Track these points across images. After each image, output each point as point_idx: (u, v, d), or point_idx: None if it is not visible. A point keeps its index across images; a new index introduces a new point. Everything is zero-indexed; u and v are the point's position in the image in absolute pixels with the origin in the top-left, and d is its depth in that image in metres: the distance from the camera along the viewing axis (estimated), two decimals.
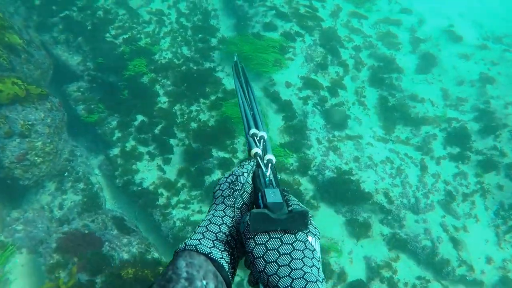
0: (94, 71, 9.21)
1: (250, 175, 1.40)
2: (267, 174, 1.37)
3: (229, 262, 1.15)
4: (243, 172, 1.40)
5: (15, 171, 6.75)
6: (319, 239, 1.23)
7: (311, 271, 1.05)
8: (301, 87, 8.72)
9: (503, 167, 7.67)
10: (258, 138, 1.63)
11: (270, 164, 1.44)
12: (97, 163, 8.30)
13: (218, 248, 1.14)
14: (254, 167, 1.43)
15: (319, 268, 1.09)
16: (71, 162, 7.88)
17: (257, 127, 1.71)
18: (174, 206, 7.55)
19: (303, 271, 1.03)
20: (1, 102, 6.51)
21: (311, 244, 1.13)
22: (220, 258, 1.11)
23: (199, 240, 1.15)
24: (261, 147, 1.57)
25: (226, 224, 1.24)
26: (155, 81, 8.87)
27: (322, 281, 1.04)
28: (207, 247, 1.12)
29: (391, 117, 8.52)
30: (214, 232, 1.19)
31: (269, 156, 1.49)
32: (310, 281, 1.00)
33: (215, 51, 9.49)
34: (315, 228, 1.24)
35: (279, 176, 7.81)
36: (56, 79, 8.94)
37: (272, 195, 1.20)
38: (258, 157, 1.49)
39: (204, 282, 1.00)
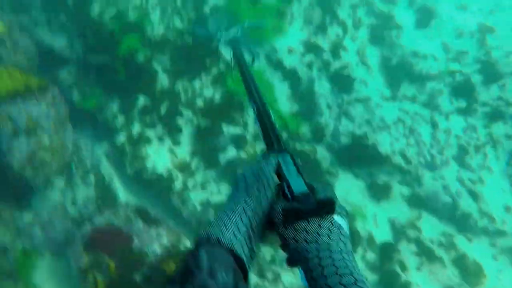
0: (84, 53, 8.57)
1: (275, 167, 1.41)
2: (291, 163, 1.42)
3: (248, 256, 1.17)
4: (268, 164, 1.42)
5: (26, 172, 6.31)
6: (346, 215, 1.37)
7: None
8: (304, 52, 8.46)
9: (509, 116, 7.87)
10: None
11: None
12: (103, 152, 7.89)
13: (239, 241, 1.15)
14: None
15: (345, 243, 1.21)
16: (76, 154, 7.46)
17: None
18: (191, 189, 7.36)
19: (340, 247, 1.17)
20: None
21: (336, 222, 1.25)
22: (241, 252, 1.12)
23: (221, 230, 1.15)
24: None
25: (248, 216, 1.24)
26: (152, 58, 8.34)
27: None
28: (229, 239, 1.13)
29: (395, 76, 8.47)
30: (236, 224, 1.19)
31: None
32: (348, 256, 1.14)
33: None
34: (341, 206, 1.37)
35: (293, 146, 7.72)
36: (42, 65, 8.26)
37: (297, 185, 1.26)
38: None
39: (225, 275, 0.98)
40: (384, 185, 7.32)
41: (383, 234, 7.13)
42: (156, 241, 5.98)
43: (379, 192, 7.31)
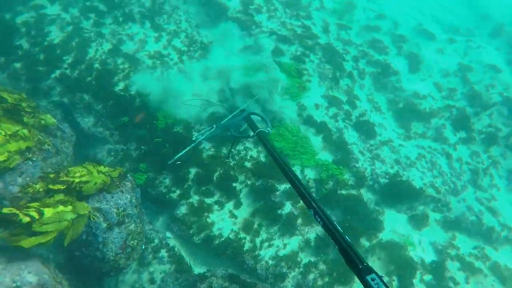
0: (117, 130, 8.81)
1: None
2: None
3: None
4: None
5: (120, 261, 6.44)
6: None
7: None
8: (327, 106, 9.48)
9: (500, 138, 9.54)
10: None
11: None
12: (163, 225, 8.14)
13: None
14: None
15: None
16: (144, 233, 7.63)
17: None
18: (260, 247, 7.90)
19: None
20: (89, 193, 6.08)
21: None
22: None
23: None
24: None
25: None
26: (190, 127, 8.80)
27: None
28: None
29: (405, 116, 9.82)
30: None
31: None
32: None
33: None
34: None
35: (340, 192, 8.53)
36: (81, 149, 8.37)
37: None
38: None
39: None
40: (422, 215, 8.47)
41: (430, 257, 8.23)
42: None
43: (419, 222, 8.43)
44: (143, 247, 7.65)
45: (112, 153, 8.66)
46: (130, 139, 8.76)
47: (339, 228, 2.81)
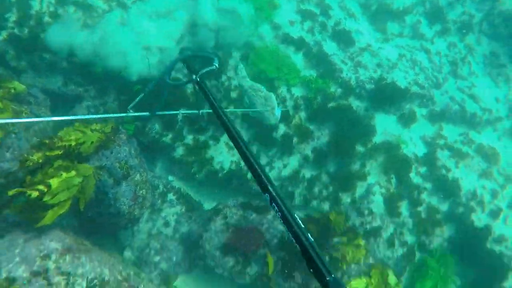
0: (91, 84, 8.35)
1: None
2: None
3: None
4: None
5: (135, 212, 6.49)
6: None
7: None
8: (301, 20, 9.19)
9: (474, 24, 9.63)
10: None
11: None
12: (163, 170, 8.13)
13: None
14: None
15: None
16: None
17: None
18: None
19: None
20: (88, 153, 5.89)
21: None
22: None
23: None
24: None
25: None
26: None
27: None
28: None
29: (379, 18, 9.67)
30: None
31: None
32: None
33: None
34: None
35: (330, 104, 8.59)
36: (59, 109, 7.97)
37: None
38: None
39: None
40: (410, 113, 8.74)
41: (421, 150, 8.67)
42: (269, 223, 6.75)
43: (407, 120, 8.72)
44: (152, 195, 7.72)
45: (92, 110, 8.28)
46: (107, 92, 8.34)
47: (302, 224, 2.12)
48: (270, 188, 2.30)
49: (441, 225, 7.82)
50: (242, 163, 7.99)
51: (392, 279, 5.88)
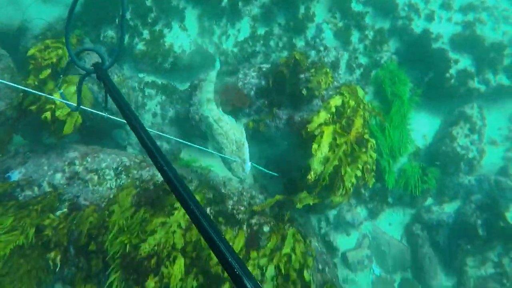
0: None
1: None
2: None
3: None
4: None
5: None
6: None
7: None
8: None
9: None
10: None
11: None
12: (130, 71, 8.61)
13: None
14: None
15: None
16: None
17: None
18: (220, 43, 8.66)
19: None
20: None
21: None
22: None
23: None
24: None
25: None
26: None
27: None
28: None
29: None
30: None
31: None
32: None
33: None
34: None
35: None
36: None
37: None
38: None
39: None
40: None
41: None
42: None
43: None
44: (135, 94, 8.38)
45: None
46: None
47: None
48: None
49: (387, 41, 8.81)
50: (199, 40, 8.54)
51: (360, 92, 6.98)
